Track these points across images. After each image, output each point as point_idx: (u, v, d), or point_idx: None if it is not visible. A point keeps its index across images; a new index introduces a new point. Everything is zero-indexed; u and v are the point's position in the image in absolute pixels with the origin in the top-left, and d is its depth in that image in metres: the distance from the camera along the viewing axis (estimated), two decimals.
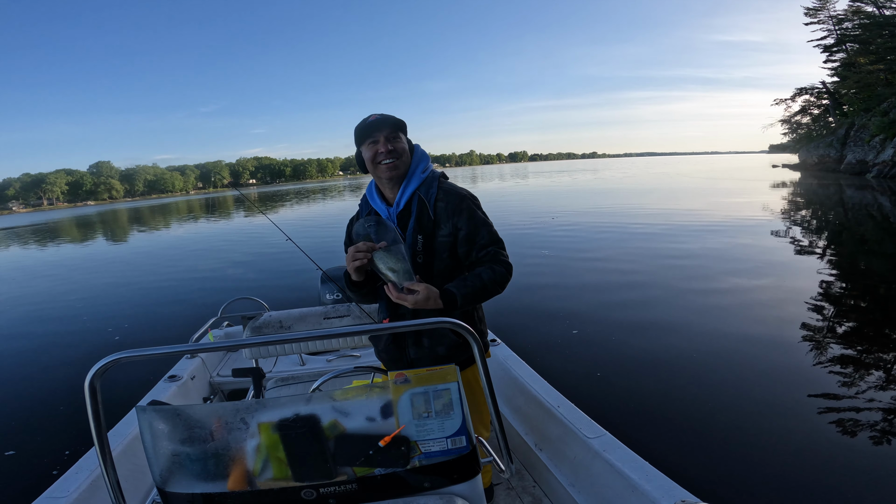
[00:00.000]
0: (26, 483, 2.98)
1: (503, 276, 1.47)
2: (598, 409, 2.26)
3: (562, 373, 3.82)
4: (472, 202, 1.52)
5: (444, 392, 1.19)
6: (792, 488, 2.59)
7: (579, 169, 79.97)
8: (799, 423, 3.18)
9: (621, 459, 1.70)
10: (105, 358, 0.91)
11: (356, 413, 1.11)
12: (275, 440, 1.03)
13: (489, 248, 1.49)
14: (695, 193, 22.37)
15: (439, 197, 1.50)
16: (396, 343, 1.57)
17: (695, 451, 2.96)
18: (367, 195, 1.61)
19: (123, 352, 0.93)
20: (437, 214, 1.48)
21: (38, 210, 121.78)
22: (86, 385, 0.90)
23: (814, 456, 2.84)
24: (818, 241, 9.97)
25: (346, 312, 2.74)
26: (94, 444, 0.92)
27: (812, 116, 43.41)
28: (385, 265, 1.35)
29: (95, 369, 0.90)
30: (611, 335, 5.00)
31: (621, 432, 1.90)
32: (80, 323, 7.20)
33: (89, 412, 0.91)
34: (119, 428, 2.09)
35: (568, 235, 11.59)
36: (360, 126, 1.50)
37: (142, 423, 0.96)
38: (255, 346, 1.03)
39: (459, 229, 1.48)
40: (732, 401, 3.50)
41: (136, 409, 0.97)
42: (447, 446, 1.16)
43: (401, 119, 1.51)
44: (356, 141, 1.52)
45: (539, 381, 2.39)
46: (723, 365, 4.09)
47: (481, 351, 1.16)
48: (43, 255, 18.36)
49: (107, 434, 0.93)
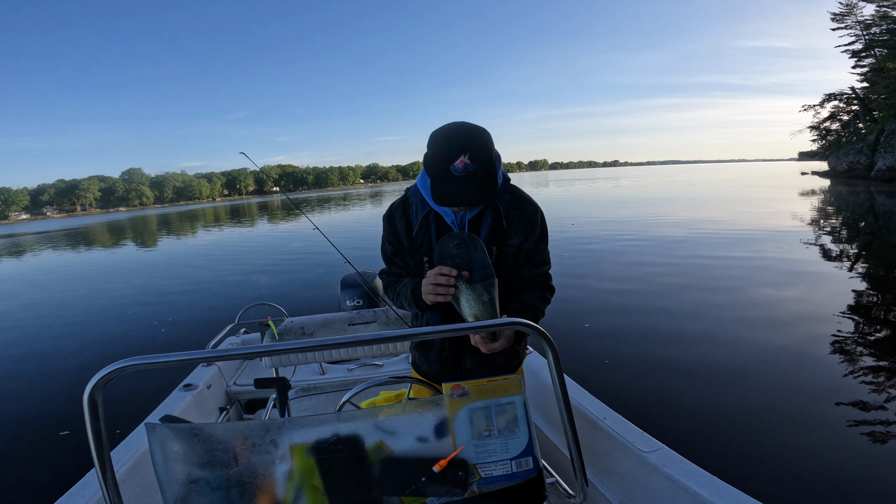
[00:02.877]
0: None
1: (548, 304, 1.39)
2: (642, 421, 2.07)
3: (595, 384, 3.67)
4: (542, 214, 1.38)
5: (507, 406, 1.02)
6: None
7: (600, 177, 79.41)
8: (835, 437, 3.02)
9: (686, 475, 1.55)
10: (107, 367, 0.75)
11: (405, 432, 0.93)
12: (310, 465, 0.85)
13: (543, 269, 1.39)
14: (717, 202, 21.64)
15: (513, 204, 1.33)
16: (453, 351, 1.38)
17: (730, 461, 2.83)
18: (422, 191, 1.31)
19: (128, 360, 0.77)
20: (510, 223, 1.32)
21: (71, 215, 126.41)
22: (85, 398, 0.74)
23: (850, 469, 2.72)
24: (849, 249, 9.53)
25: (371, 318, 2.59)
26: (94, 465, 0.75)
27: (841, 122, 42.14)
28: (470, 309, 1.14)
29: (96, 380, 0.75)
30: (634, 343, 4.85)
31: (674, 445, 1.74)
32: (93, 329, 7.11)
33: (89, 429, 0.75)
34: (130, 441, 1.92)
35: (589, 243, 11.31)
36: (439, 156, 1.18)
37: (152, 442, 0.79)
38: (275, 353, 0.86)
39: (527, 241, 1.34)
40: (763, 411, 3.39)
41: (145, 427, 0.80)
42: (512, 469, 1.00)
43: (493, 168, 1.21)
44: (429, 161, 1.22)
45: (580, 391, 2.20)
46: (755, 374, 3.96)
47: (555, 354, 0.96)
48: (66, 258, 18.83)
49: (110, 453, 0.76)
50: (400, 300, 1.35)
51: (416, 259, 1.35)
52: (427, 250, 1.32)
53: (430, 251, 1.32)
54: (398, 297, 1.37)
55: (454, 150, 1.15)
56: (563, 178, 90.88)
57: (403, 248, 1.37)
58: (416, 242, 1.33)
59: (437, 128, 1.23)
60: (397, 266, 1.41)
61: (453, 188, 1.16)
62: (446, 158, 1.15)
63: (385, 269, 1.45)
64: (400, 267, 1.40)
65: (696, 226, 13.12)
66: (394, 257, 1.40)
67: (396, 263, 1.40)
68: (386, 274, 1.44)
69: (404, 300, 1.34)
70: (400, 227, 1.35)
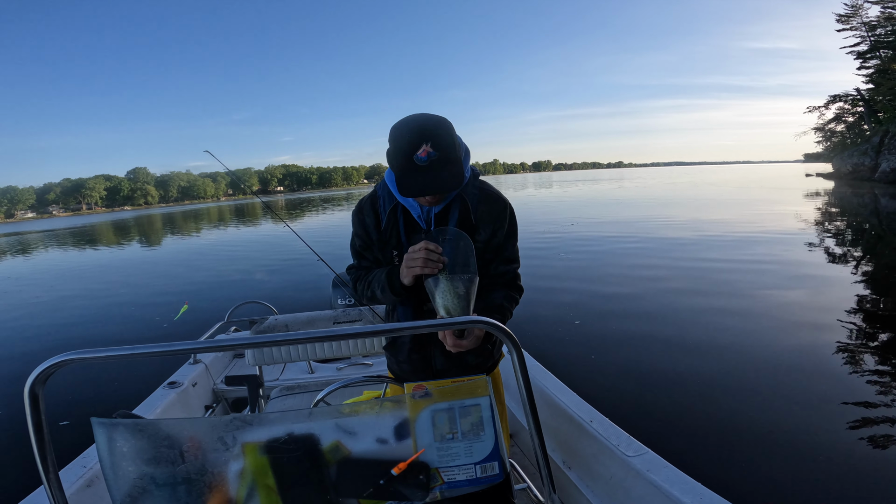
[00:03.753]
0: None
1: (516, 305, 1.38)
2: (630, 426, 2.05)
3: (586, 385, 3.64)
4: (512, 210, 1.37)
5: (472, 408, 0.99)
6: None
7: (604, 178, 79.17)
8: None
9: (669, 480, 1.53)
10: (49, 360, 0.70)
11: (364, 433, 0.90)
12: (262, 464, 0.83)
13: (512, 267, 1.38)
14: (717, 204, 21.52)
15: (481, 199, 1.32)
16: (421, 351, 1.37)
17: (727, 465, 2.82)
18: (389, 185, 1.31)
19: (71, 353, 0.72)
20: (478, 218, 1.31)
21: (77, 214, 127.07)
22: (25, 392, 0.69)
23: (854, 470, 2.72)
24: (853, 251, 9.46)
25: (357, 317, 2.58)
26: (36, 462, 0.72)
27: (846, 124, 41.81)
28: (443, 300, 1.11)
29: (37, 373, 0.69)
30: (633, 343, 4.79)
31: (660, 450, 1.73)
32: (81, 326, 7.03)
33: (30, 428, 0.70)
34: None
35: (588, 244, 11.28)
36: (401, 148, 1.15)
37: (98, 437, 0.77)
38: (247, 346, 0.83)
39: (495, 236, 1.33)
40: (766, 413, 3.37)
41: (92, 422, 0.78)
42: (476, 474, 0.97)
43: (456, 156, 1.19)
44: (392, 156, 1.19)
45: (567, 393, 2.17)
46: (759, 378, 3.92)
47: (520, 355, 0.93)
48: (69, 256, 18.94)
49: (54, 456, 0.73)
50: (372, 287, 1.31)
51: (385, 253, 1.34)
52: (396, 244, 1.31)
53: (399, 245, 1.30)
54: (369, 286, 1.33)
55: (416, 140, 1.13)
56: (567, 178, 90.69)
57: (373, 242, 1.35)
58: (385, 236, 1.32)
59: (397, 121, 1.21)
60: (367, 260, 1.39)
61: (419, 178, 1.14)
62: (409, 149, 1.14)
63: (353, 265, 1.43)
64: (370, 261, 1.39)
65: (697, 227, 13.04)
66: (363, 251, 1.38)
67: (366, 257, 1.39)
68: (355, 268, 1.42)
69: (377, 285, 1.29)
70: (369, 220, 1.34)
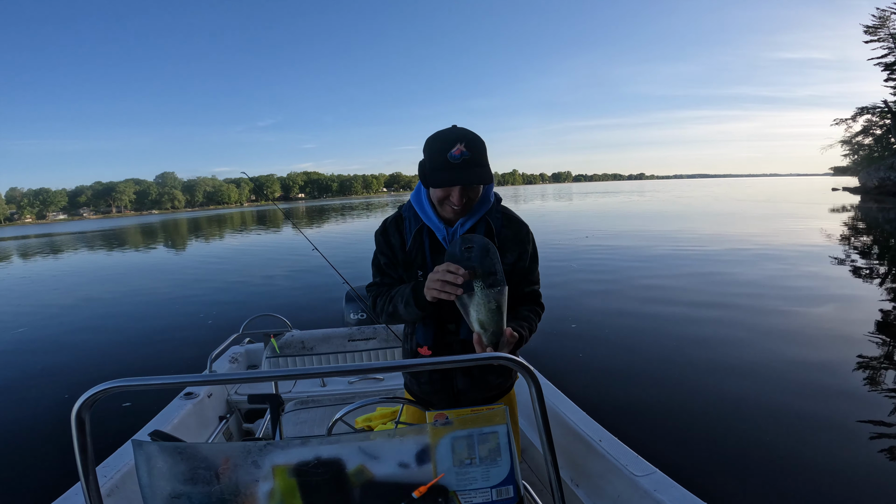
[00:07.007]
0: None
1: (539, 320, 1.43)
2: (642, 444, 2.06)
3: (597, 403, 3.62)
4: (532, 235, 1.43)
5: (490, 436, 1.03)
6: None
7: (625, 190, 78.33)
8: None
9: (676, 501, 1.55)
10: (95, 387, 0.78)
11: (387, 457, 0.95)
12: (291, 486, 0.88)
13: (535, 287, 1.44)
14: (735, 218, 21.11)
15: (504, 223, 1.37)
16: (443, 373, 1.41)
17: (738, 487, 2.79)
18: (415, 206, 1.36)
19: (116, 381, 0.80)
20: (502, 241, 1.35)
21: (106, 217, 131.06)
22: (72, 417, 0.77)
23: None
24: (878, 269, 9.25)
25: (371, 334, 2.62)
26: (80, 482, 0.79)
27: (874, 137, 40.52)
28: (477, 315, 1.12)
29: (83, 399, 0.77)
30: (632, 352, 4.78)
31: (670, 470, 1.74)
32: (99, 338, 6.89)
33: (76, 448, 0.78)
34: (118, 455, 1.96)
35: (606, 258, 11.16)
36: (437, 147, 1.23)
37: (138, 459, 0.83)
38: (281, 378, 0.89)
39: (520, 260, 1.38)
40: (783, 436, 3.32)
41: (132, 443, 0.84)
42: (491, 497, 1.01)
43: (487, 161, 1.26)
44: (426, 159, 1.27)
45: (576, 412, 2.21)
46: (775, 397, 3.87)
47: (538, 388, 0.97)
48: (96, 258, 19.46)
49: (95, 469, 0.80)
50: (394, 302, 1.32)
51: (409, 273, 1.37)
52: (421, 264, 1.35)
53: (424, 265, 1.34)
54: (391, 300, 1.34)
55: (452, 139, 1.22)
56: (586, 190, 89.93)
57: (398, 261, 1.39)
58: (410, 256, 1.36)
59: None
60: (390, 277, 1.42)
61: (452, 173, 1.22)
62: (444, 148, 1.22)
63: (375, 282, 1.45)
64: (393, 278, 1.41)
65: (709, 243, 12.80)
66: (387, 269, 1.41)
67: (390, 275, 1.41)
68: (377, 285, 1.43)
69: (400, 300, 1.30)
70: (394, 241, 1.38)
